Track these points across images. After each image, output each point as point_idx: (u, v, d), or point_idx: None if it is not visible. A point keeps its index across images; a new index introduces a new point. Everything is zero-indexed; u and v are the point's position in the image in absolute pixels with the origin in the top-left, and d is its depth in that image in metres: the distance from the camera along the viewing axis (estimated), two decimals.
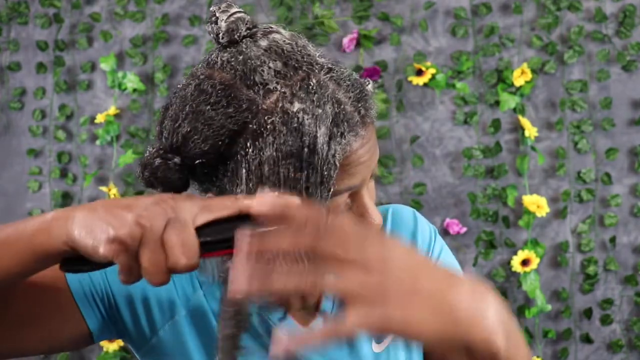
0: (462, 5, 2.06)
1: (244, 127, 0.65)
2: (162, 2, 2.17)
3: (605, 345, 2.06)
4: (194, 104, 0.66)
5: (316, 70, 0.67)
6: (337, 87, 0.67)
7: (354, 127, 0.66)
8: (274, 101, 0.65)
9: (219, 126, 0.65)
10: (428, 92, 2.08)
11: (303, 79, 0.65)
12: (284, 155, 0.64)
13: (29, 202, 2.28)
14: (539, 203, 1.97)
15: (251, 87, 0.65)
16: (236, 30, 0.68)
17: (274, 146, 0.64)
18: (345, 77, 0.68)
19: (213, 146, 0.65)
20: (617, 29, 2.02)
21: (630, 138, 2.03)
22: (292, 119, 0.63)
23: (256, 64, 0.66)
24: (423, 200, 2.08)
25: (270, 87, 0.65)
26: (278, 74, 0.66)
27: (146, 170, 0.67)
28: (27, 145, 2.26)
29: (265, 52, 0.67)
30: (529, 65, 2.01)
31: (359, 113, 0.67)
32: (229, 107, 0.65)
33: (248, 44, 0.68)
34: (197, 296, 0.79)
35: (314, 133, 0.63)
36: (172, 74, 2.18)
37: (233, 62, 0.67)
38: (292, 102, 0.64)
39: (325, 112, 0.64)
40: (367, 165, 0.69)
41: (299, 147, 0.63)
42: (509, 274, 2.06)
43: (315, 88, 0.65)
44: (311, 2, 2.07)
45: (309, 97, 0.64)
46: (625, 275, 2.04)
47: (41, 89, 2.24)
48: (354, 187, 0.69)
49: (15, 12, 2.24)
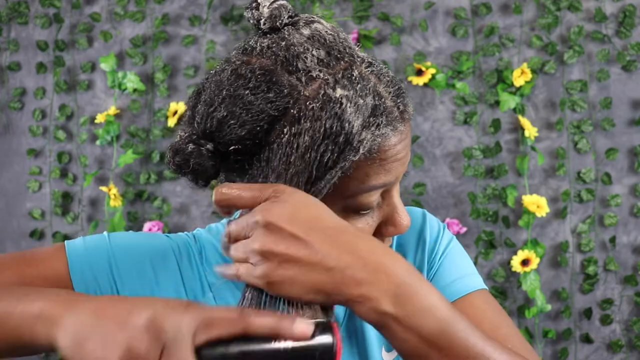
0: (462, 5, 2.06)
1: (285, 113, 0.63)
2: (162, 2, 2.17)
3: (605, 345, 2.06)
4: (232, 88, 0.64)
5: (358, 62, 0.66)
6: (378, 81, 0.66)
7: (392, 121, 0.66)
8: (316, 88, 0.63)
9: (258, 111, 0.63)
10: (428, 92, 2.08)
11: (346, 69, 0.64)
12: (319, 140, 0.62)
13: (29, 202, 2.28)
14: (539, 203, 1.97)
15: (293, 72, 0.64)
16: (279, 16, 0.66)
17: (310, 132, 0.62)
18: (384, 72, 0.68)
19: (250, 132, 0.63)
20: (617, 29, 2.02)
21: (630, 138, 2.03)
22: (334, 104, 0.62)
23: (299, 51, 0.64)
24: (423, 200, 2.08)
25: (313, 74, 0.63)
26: (321, 62, 0.64)
27: (177, 156, 0.65)
28: (27, 145, 2.26)
29: (308, 39, 0.65)
30: (529, 65, 2.01)
31: (398, 108, 0.67)
32: (269, 92, 0.63)
33: (290, 31, 0.66)
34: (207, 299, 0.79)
35: (352, 122, 0.62)
36: (172, 74, 2.18)
37: (274, 48, 0.65)
38: (334, 89, 0.63)
39: (366, 103, 0.63)
40: (402, 162, 0.68)
41: (338, 132, 0.62)
42: (509, 274, 2.06)
43: (358, 79, 0.64)
44: (311, 2, 2.07)
45: (353, 87, 0.63)
46: (625, 275, 2.04)
47: (41, 89, 2.24)
48: (388, 184, 0.67)
49: (15, 12, 2.24)
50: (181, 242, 0.81)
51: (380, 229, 0.70)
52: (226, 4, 2.15)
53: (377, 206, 0.69)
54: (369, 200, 0.67)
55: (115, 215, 2.14)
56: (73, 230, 2.24)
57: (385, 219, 0.70)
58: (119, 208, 2.14)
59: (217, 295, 0.79)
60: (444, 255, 0.85)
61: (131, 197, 2.19)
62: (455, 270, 0.84)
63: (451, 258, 0.85)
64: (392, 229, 0.70)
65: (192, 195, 2.18)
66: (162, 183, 2.20)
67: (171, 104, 2.13)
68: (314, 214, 0.60)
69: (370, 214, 0.69)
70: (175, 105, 2.12)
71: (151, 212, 2.19)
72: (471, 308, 0.79)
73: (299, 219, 0.59)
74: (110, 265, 0.74)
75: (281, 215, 0.59)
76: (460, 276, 0.83)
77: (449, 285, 0.82)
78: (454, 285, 0.82)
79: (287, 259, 0.58)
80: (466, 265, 0.85)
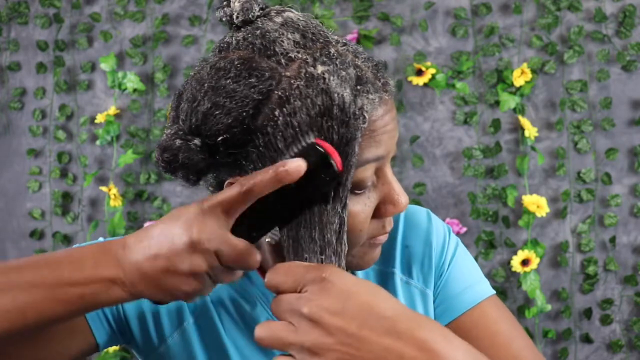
0: (462, 5, 2.06)
1: (268, 96, 0.63)
2: (162, 2, 2.17)
3: (605, 345, 2.06)
4: (213, 80, 0.65)
5: (333, 42, 0.67)
6: (355, 57, 0.67)
7: (378, 89, 0.66)
8: (297, 68, 0.64)
9: (242, 97, 0.63)
10: (428, 92, 2.08)
11: (322, 48, 0.65)
12: (315, 116, 0.62)
13: (29, 202, 2.28)
14: (539, 203, 1.97)
15: (272, 56, 0.65)
16: (250, 9, 0.67)
17: (303, 110, 0.62)
18: (360, 51, 0.69)
19: (237, 118, 0.63)
20: (617, 29, 2.02)
21: (630, 138, 2.03)
22: (318, 80, 0.63)
23: (275, 36, 0.65)
24: (423, 200, 2.08)
25: (292, 55, 0.64)
26: (297, 44, 0.65)
27: (166, 152, 0.65)
28: (27, 145, 2.26)
29: (282, 26, 0.66)
30: (529, 65, 2.01)
31: (379, 80, 0.67)
32: (251, 78, 0.63)
33: (264, 21, 0.67)
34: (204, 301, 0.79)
35: (341, 92, 0.62)
36: (172, 74, 2.18)
37: (250, 38, 0.66)
38: (314, 66, 0.63)
39: (348, 74, 0.64)
40: (391, 135, 0.68)
41: (329, 105, 0.62)
42: (509, 274, 2.06)
43: (336, 55, 0.64)
44: (311, 2, 2.07)
45: (332, 62, 0.64)
46: (625, 275, 2.04)
47: (41, 89, 2.24)
48: (379, 158, 0.67)
49: (15, 12, 2.24)
50: None
51: (379, 211, 0.70)
52: None
53: (372, 186, 0.69)
54: (363, 176, 0.67)
55: (115, 215, 2.14)
56: (73, 230, 2.25)
57: (382, 199, 0.70)
58: (119, 208, 2.14)
59: (214, 299, 0.80)
60: (452, 262, 0.85)
61: (131, 197, 2.19)
62: (465, 278, 0.84)
63: (459, 265, 0.85)
64: (391, 208, 0.70)
65: (192, 195, 2.18)
66: (162, 183, 2.20)
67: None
68: (364, 300, 0.56)
69: (366, 194, 0.68)
70: None
71: (151, 212, 2.19)
72: (484, 319, 0.80)
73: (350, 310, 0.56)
74: None
75: (329, 307, 0.56)
76: (469, 284, 0.83)
77: (460, 294, 0.82)
78: (465, 294, 0.82)
79: (339, 356, 0.55)
80: (474, 271, 0.85)
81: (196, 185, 0.70)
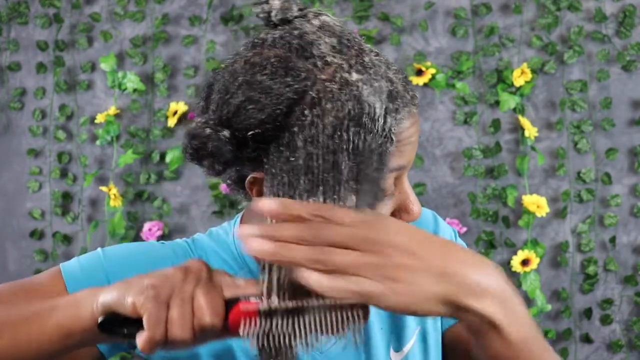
0: (462, 5, 2.06)
1: (303, 96, 0.64)
2: (162, 2, 2.17)
3: (605, 345, 2.06)
4: (247, 75, 0.65)
5: (367, 50, 0.68)
6: (387, 68, 0.68)
7: (407, 104, 0.67)
8: (332, 72, 0.64)
9: (277, 94, 0.63)
10: (428, 92, 2.08)
11: (357, 55, 0.66)
12: (345, 121, 0.63)
13: (29, 202, 2.28)
14: (539, 203, 1.97)
15: (309, 58, 0.65)
16: (289, 9, 0.68)
17: (333, 112, 0.63)
18: (390, 62, 0.70)
19: (270, 115, 0.63)
20: (617, 29, 2.02)
21: (630, 138, 2.03)
22: (352, 87, 0.64)
23: (312, 38, 0.66)
24: (423, 200, 2.08)
25: (328, 59, 0.65)
26: (334, 49, 0.66)
27: (195, 140, 0.65)
28: (27, 145, 2.26)
29: (320, 29, 0.67)
30: (529, 65, 2.01)
31: (408, 93, 0.68)
32: (287, 77, 0.64)
33: (302, 22, 0.68)
34: None
35: (372, 103, 0.64)
36: (172, 74, 2.18)
37: (287, 38, 0.66)
38: (349, 73, 0.64)
39: (381, 86, 0.65)
40: (413, 147, 0.70)
41: (359, 113, 0.63)
42: (509, 274, 2.06)
43: (370, 64, 0.65)
44: (311, 2, 2.07)
45: (366, 71, 0.65)
46: (625, 275, 2.04)
47: (41, 89, 2.24)
48: (401, 168, 0.69)
49: (15, 12, 2.24)
50: (179, 249, 0.80)
51: None
52: (226, 4, 2.15)
53: (390, 194, 0.70)
54: (387, 184, 0.68)
55: (115, 215, 2.14)
56: (73, 230, 2.25)
57: (398, 206, 0.71)
58: (119, 208, 2.14)
59: None
60: None
61: (131, 197, 2.19)
62: None
63: None
64: (405, 216, 0.71)
65: (192, 195, 2.18)
66: (162, 183, 2.20)
67: (171, 104, 2.13)
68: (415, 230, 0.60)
69: (384, 202, 0.70)
70: (175, 105, 2.12)
71: (151, 212, 2.19)
72: None
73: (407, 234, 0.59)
74: (108, 282, 0.73)
75: (388, 231, 0.58)
76: None
77: None
78: None
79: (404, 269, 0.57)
80: None
81: (219, 176, 0.69)
